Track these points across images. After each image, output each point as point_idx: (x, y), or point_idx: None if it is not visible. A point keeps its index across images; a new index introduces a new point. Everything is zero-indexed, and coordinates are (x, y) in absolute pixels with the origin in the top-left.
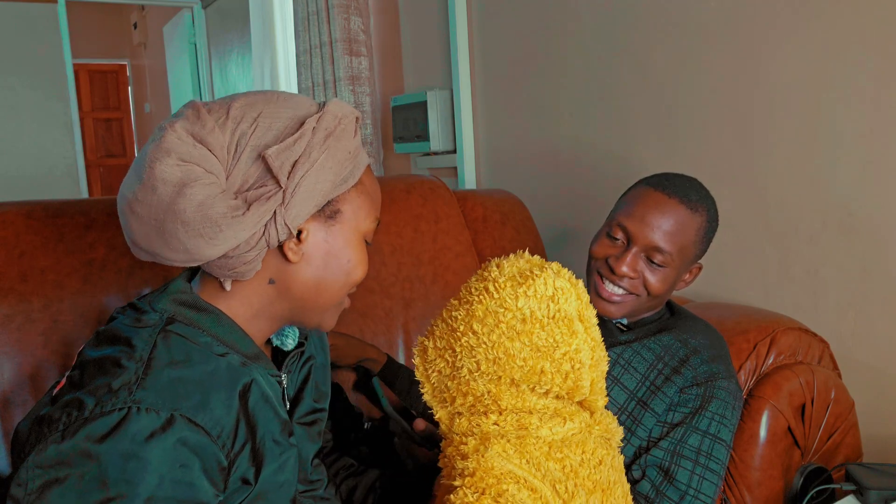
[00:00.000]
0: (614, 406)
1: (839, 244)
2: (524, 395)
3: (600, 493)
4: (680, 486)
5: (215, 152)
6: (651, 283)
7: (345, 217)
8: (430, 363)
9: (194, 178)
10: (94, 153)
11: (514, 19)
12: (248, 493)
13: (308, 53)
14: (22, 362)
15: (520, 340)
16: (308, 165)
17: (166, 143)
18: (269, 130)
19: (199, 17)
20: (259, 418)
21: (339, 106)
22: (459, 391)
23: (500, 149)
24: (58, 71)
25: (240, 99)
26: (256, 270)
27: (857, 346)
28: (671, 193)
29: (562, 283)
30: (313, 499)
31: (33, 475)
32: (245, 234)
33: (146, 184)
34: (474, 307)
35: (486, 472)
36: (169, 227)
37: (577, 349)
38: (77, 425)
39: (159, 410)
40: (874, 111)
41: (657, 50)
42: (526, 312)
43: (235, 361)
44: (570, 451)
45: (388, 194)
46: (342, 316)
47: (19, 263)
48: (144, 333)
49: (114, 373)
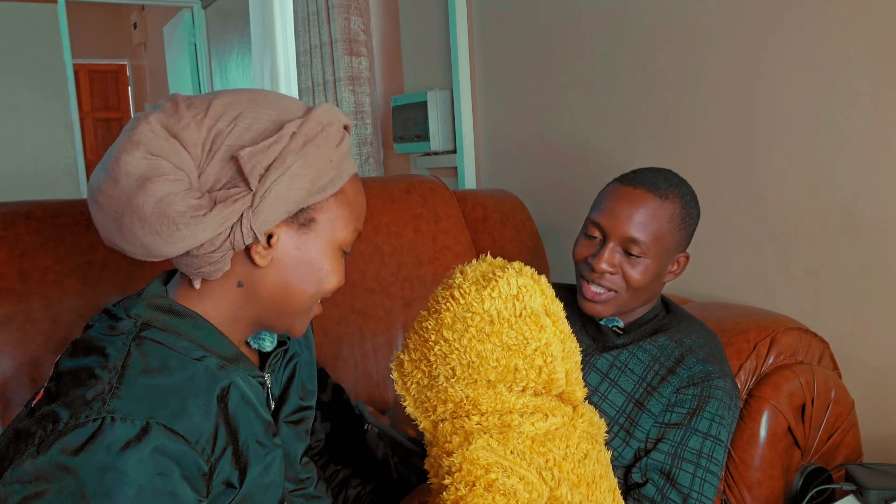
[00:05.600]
0: (612, 409)
1: (839, 244)
2: (502, 396)
3: (585, 487)
4: (682, 489)
5: (188, 148)
6: (631, 275)
7: (319, 226)
8: (407, 376)
9: (159, 174)
10: (94, 153)
11: (514, 19)
12: (234, 496)
13: (308, 53)
14: (22, 362)
15: (490, 342)
16: (281, 171)
17: (137, 134)
18: (247, 131)
19: (199, 17)
20: (240, 421)
21: (326, 112)
22: (439, 399)
23: (500, 149)
24: (58, 71)
25: (223, 96)
26: (224, 271)
27: (857, 346)
28: (638, 185)
29: (524, 280)
30: (304, 497)
31: (12, 490)
32: (206, 234)
33: (111, 175)
34: (442, 315)
35: (472, 464)
36: (126, 220)
37: (548, 343)
38: (52, 438)
39: (134, 419)
40: (874, 111)
41: (657, 50)
42: (493, 313)
43: (213, 365)
44: (554, 446)
45: (388, 194)
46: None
47: (19, 263)
48: (118, 341)
49: (88, 383)
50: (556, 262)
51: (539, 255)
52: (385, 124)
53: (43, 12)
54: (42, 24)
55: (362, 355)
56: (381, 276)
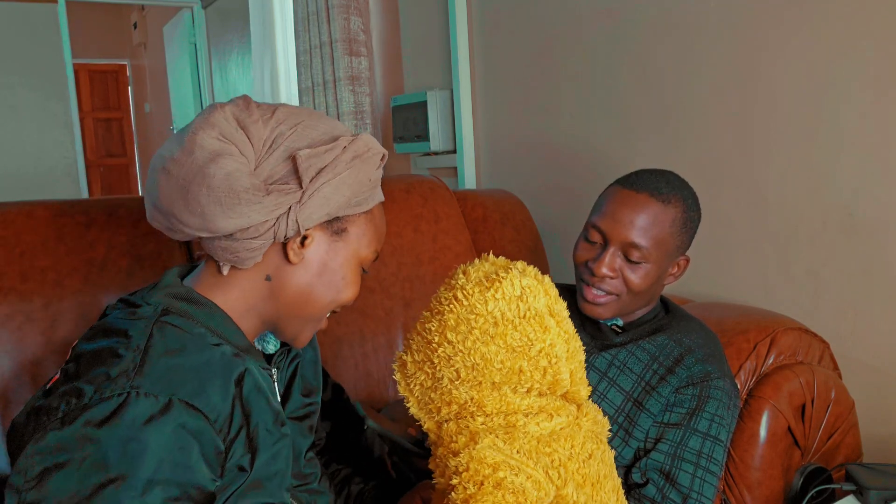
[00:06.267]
0: (611, 408)
1: (839, 244)
2: (507, 398)
3: (590, 487)
4: (682, 489)
5: (252, 141)
6: (632, 280)
7: (349, 237)
8: (410, 377)
9: (228, 153)
10: (94, 153)
11: (514, 19)
12: (245, 479)
13: (308, 53)
14: (22, 362)
15: (495, 343)
16: (331, 175)
17: (213, 118)
18: (305, 137)
19: (199, 17)
20: (253, 406)
21: (371, 139)
22: (443, 401)
23: (500, 149)
24: (58, 71)
25: (286, 107)
26: (256, 262)
27: (857, 346)
28: (640, 189)
29: (528, 281)
30: (308, 492)
31: (33, 462)
32: (258, 216)
33: (185, 147)
34: (446, 317)
35: (479, 463)
36: (194, 188)
37: (552, 344)
38: (76, 412)
39: (158, 395)
40: (874, 111)
41: (657, 50)
42: (497, 315)
43: (229, 352)
44: (559, 446)
45: (388, 194)
46: (343, 315)
47: (19, 263)
48: (140, 324)
49: (111, 362)
50: (556, 262)
51: (539, 255)
52: (385, 124)
53: (43, 12)
54: (42, 24)
55: (362, 355)
56: (381, 276)
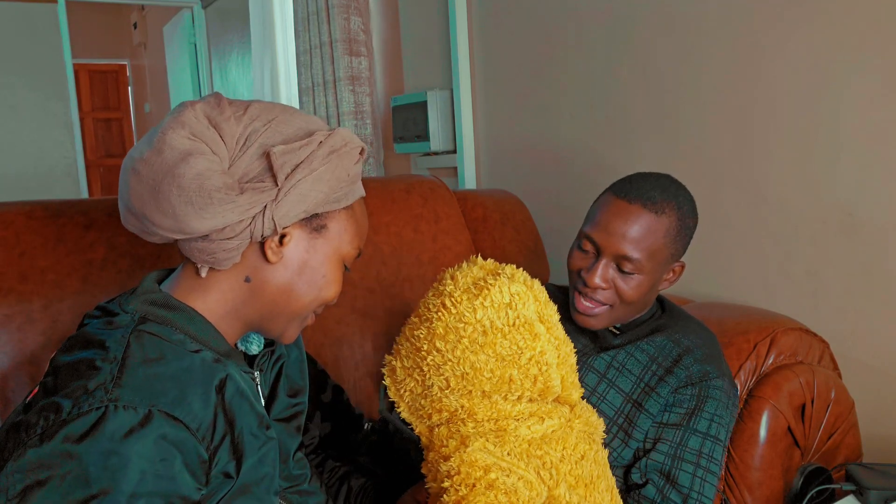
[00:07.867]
0: (610, 409)
1: (839, 244)
2: (497, 405)
3: (583, 488)
4: (682, 490)
5: (225, 139)
6: (624, 290)
7: (329, 234)
8: (400, 383)
9: (199, 152)
10: (94, 153)
11: (514, 19)
12: (231, 486)
13: (308, 53)
14: (22, 362)
15: (484, 353)
16: (307, 172)
17: (183, 117)
18: (279, 133)
19: (199, 17)
20: (236, 412)
21: (348, 133)
22: (434, 408)
23: (500, 149)
24: (58, 71)
25: (260, 103)
26: (234, 262)
27: (857, 346)
28: (633, 199)
29: (517, 287)
30: (298, 493)
31: (14, 480)
32: (233, 216)
33: (155, 146)
34: (434, 324)
35: (470, 466)
36: (164, 188)
37: (542, 351)
38: (55, 428)
39: (137, 407)
40: (874, 111)
41: (658, 50)
42: (486, 324)
43: (209, 358)
44: (550, 448)
45: (388, 194)
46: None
47: (19, 263)
48: (117, 334)
49: (89, 374)
50: (556, 263)
51: (539, 255)
52: (385, 124)
53: (43, 12)
54: (42, 24)
55: (363, 355)
56: (381, 276)
